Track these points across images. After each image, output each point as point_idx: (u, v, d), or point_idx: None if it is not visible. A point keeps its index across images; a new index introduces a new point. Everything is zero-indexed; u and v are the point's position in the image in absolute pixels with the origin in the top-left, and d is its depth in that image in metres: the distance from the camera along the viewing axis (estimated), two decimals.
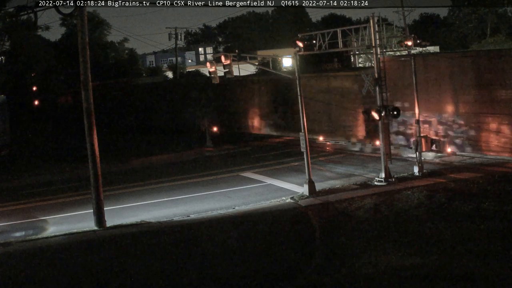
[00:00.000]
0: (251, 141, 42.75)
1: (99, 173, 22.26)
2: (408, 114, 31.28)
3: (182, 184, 29.06)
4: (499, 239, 17.05)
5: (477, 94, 28.89)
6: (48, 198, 27.96)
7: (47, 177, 33.94)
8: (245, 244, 18.80)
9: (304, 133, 25.09)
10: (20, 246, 19.97)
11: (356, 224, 19.89)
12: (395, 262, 15.95)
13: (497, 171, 25.56)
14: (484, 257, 15.75)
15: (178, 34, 71.21)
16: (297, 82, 25.38)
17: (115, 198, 26.36)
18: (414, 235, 18.14)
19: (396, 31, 33.76)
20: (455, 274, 14.83)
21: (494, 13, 75.35)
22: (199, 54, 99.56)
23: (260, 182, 28.29)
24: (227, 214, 22.53)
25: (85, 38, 22.05)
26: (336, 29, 26.74)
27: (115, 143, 45.65)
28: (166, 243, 19.38)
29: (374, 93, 25.82)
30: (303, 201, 23.63)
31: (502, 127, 27.92)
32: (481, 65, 28.79)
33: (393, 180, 25.38)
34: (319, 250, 17.81)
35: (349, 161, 31.85)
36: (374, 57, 25.69)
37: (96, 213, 22.03)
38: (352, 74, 37.32)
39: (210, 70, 26.62)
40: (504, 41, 63.72)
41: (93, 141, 22.08)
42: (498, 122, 28.05)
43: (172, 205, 24.92)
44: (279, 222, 21.02)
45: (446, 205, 21.02)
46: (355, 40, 27.98)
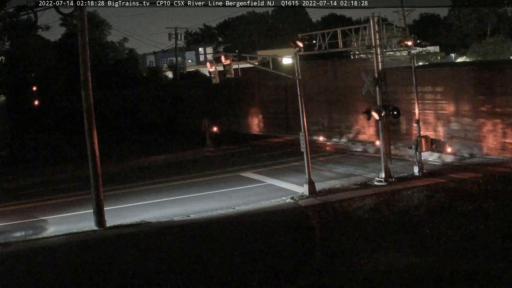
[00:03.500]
0: (251, 141, 42.78)
1: (99, 173, 22.25)
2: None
3: (182, 184, 29.07)
4: (499, 239, 17.04)
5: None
6: (48, 198, 27.98)
7: (47, 177, 33.96)
8: (245, 244, 18.79)
9: (304, 133, 25.08)
10: (20, 246, 19.97)
11: (356, 224, 19.88)
12: (395, 262, 15.94)
13: (497, 171, 25.56)
14: (484, 257, 15.74)
15: (178, 34, 71.15)
16: (297, 82, 25.37)
17: (115, 198, 26.37)
18: (414, 235, 18.13)
19: (396, 31, 33.69)
20: (455, 274, 14.82)
21: (494, 13, 75.26)
22: (199, 54, 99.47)
23: (260, 182, 28.29)
24: (227, 214, 22.53)
25: (85, 38, 22.05)
26: (336, 29, 26.73)
27: (115, 143, 45.66)
28: (166, 243, 19.38)
29: (374, 93, 25.82)
30: (303, 201, 23.63)
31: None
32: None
33: (393, 180, 25.38)
34: (319, 250, 17.80)
35: (349, 161, 31.86)
36: (374, 57, 25.67)
37: (96, 213, 22.03)
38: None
39: (210, 70, 26.61)
40: (504, 41, 63.67)
41: (93, 141, 22.07)
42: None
43: (172, 205, 24.92)
44: (279, 222, 21.02)
45: (446, 205, 21.01)
46: (355, 40, 27.97)
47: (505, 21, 76.93)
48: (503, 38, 65.14)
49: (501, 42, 63.19)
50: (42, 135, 57.57)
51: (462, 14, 77.43)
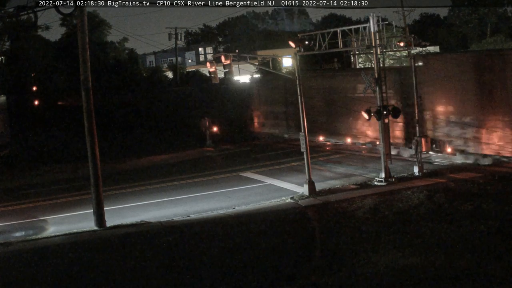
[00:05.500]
0: (251, 141, 42.78)
1: (99, 173, 22.24)
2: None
3: (182, 184, 29.07)
4: (499, 239, 17.05)
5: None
6: (48, 198, 27.96)
7: (47, 177, 33.93)
8: (245, 244, 18.79)
9: (304, 133, 25.08)
10: (20, 246, 19.96)
11: (356, 224, 19.89)
12: (395, 262, 15.94)
13: (497, 171, 25.56)
14: (484, 257, 15.75)
15: (178, 34, 71.13)
16: (297, 82, 25.38)
17: (115, 198, 26.36)
18: (414, 235, 18.13)
19: (396, 31, 33.72)
20: (455, 274, 14.83)
21: (494, 13, 75.27)
22: (199, 54, 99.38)
23: (260, 182, 28.29)
24: (227, 214, 22.53)
25: (85, 38, 22.04)
26: (336, 29, 26.76)
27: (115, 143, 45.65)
28: (166, 243, 19.37)
29: (374, 93, 25.82)
30: (303, 201, 23.63)
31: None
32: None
33: (393, 180, 25.38)
34: (319, 250, 17.80)
35: (349, 161, 31.86)
36: (374, 57, 25.69)
37: (96, 213, 22.02)
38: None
39: (210, 70, 26.62)
40: (504, 41, 63.66)
41: (93, 141, 22.06)
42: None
43: (172, 205, 24.92)
44: (279, 222, 21.01)
45: (446, 205, 21.02)
46: (355, 40, 27.98)
47: (505, 21, 76.92)
48: (503, 38, 65.14)
49: (501, 42, 63.17)
50: (42, 135, 57.48)
51: (462, 14, 77.43)
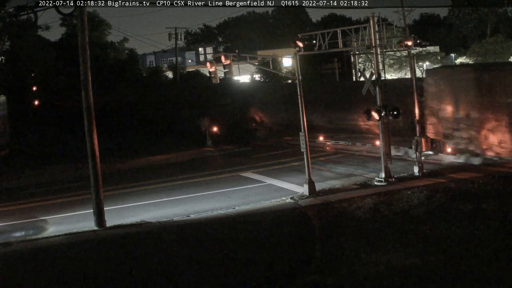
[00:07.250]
0: (250, 141, 42.77)
1: (99, 173, 22.23)
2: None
3: (182, 184, 29.06)
4: (499, 239, 17.05)
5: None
6: (48, 198, 27.96)
7: (47, 177, 33.93)
8: (245, 244, 18.80)
9: (304, 133, 25.06)
10: (20, 246, 19.96)
11: (356, 224, 19.89)
12: (395, 262, 15.94)
13: (497, 171, 25.56)
14: (484, 257, 15.75)
15: (178, 34, 71.06)
16: (297, 82, 25.37)
17: (115, 198, 26.36)
18: (414, 235, 18.14)
19: (396, 31, 33.69)
20: (455, 274, 14.83)
21: (494, 13, 75.30)
22: (199, 54, 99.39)
23: (260, 182, 28.29)
24: (227, 214, 22.52)
25: (85, 38, 22.04)
26: (336, 29, 26.72)
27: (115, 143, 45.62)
28: (166, 243, 19.38)
29: (374, 93, 25.81)
30: (303, 201, 23.62)
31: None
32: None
33: (393, 180, 25.38)
34: (319, 250, 17.80)
35: (349, 161, 31.86)
36: (374, 57, 25.67)
37: (96, 213, 22.02)
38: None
39: (210, 70, 26.61)
40: (504, 41, 63.68)
41: (93, 141, 22.06)
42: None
43: (172, 205, 24.91)
44: (279, 222, 21.01)
45: (446, 205, 21.02)
46: (355, 40, 27.96)
47: (505, 21, 76.97)
48: (503, 38, 65.17)
49: (501, 42, 63.21)
50: (42, 135, 57.45)
51: (462, 14, 77.48)
